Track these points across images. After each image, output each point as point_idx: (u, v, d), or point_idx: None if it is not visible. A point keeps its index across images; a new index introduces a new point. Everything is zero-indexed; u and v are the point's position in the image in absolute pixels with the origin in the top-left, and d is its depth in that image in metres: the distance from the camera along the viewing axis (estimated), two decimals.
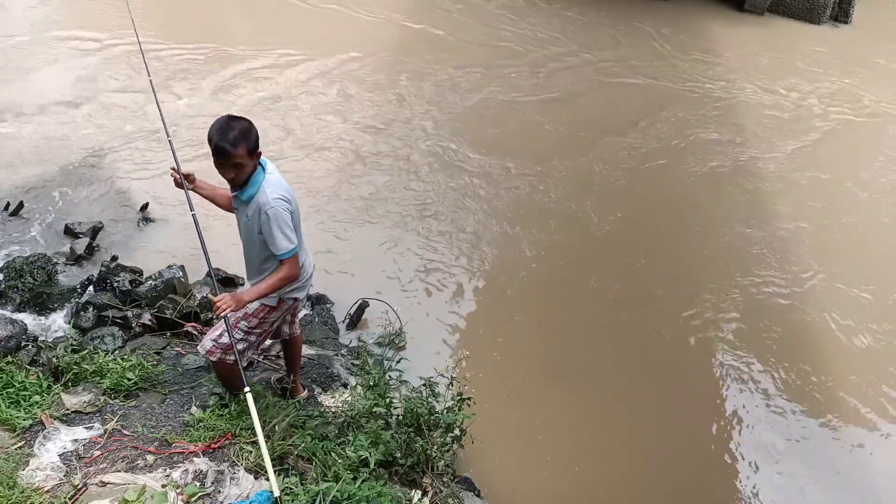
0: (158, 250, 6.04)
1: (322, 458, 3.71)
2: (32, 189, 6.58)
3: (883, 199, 7.88)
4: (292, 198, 3.58)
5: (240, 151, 3.33)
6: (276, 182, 3.52)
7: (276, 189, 3.48)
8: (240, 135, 3.33)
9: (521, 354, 5.66)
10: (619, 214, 7.23)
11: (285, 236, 3.47)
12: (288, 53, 9.23)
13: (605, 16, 11.28)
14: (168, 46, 9.02)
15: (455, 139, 8.02)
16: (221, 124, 3.36)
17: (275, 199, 3.45)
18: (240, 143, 3.32)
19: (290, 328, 4.19)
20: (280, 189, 3.50)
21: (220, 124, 3.36)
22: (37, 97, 7.80)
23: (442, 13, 10.86)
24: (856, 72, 10.37)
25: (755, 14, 11.87)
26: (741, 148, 8.48)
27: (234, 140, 3.31)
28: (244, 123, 3.38)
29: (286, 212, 3.49)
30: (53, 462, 3.53)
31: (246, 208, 3.54)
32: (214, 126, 3.37)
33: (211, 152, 3.38)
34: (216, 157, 3.37)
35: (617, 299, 6.28)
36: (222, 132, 3.33)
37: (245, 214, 3.57)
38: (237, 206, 3.62)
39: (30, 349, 4.55)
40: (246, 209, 3.54)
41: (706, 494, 4.90)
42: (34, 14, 9.41)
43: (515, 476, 4.77)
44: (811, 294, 6.47)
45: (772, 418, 5.35)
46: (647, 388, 5.51)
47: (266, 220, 3.45)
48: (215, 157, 3.37)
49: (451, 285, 6.17)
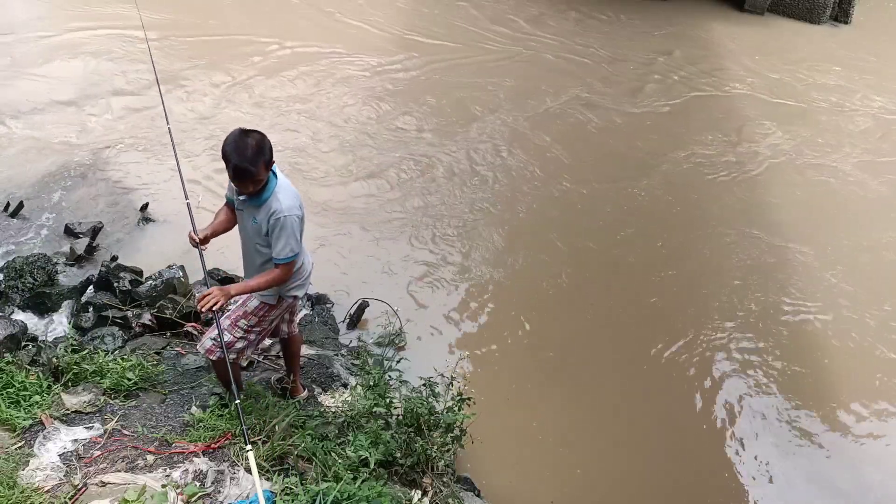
0: (158, 250, 6.03)
1: (322, 458, 3.71)
2: (32, 189, 6.58)
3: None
4: (302, 205, 3.59)
5: (260, 168, 3.30)
6: (287, 188, 3.52)
7: (288, 196, 3.48)
8: (257, 152, 3.27)
9: (522, 354, 5.66)
10: (620, 215, 7.23)
11: (292, 243, 3.49)
12: (294, 50, 9.24)
13: (603, 15, 11.28)
14: (174, 43, 9.03)
15: (457, 142, 8.02)
16: (236, 140, 3.29)
17: (289, 206, 3.45)
18: (259, 161, 3.28)
19: (288, 327, 4.19)
20: (292, 197, 3.50)
21: (235, 140, 3.29)
22: (36, 96, 7.79)
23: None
24: (856, 72, 10.36)
25: (755, 14, 11.87)
26: (741, 148, 8.47)
27: (253, 159, 3.26)
28: (257, 137, 3.32)
29: (299, 220, 3.51)
30: (53, 462, 3.53)
31: (255, 211, 3.52)
32: (229, 143, 3.30)
33: (228, 169, 3.32)
34: (237, 178, 3.31)
35: (618, 300, 6.28)
36: (240, 151, 3.25)
37: (253, 217, 3.55)
38: (242, 208, 3.60)
39: (30, 349, 4.54)
40: (255, 212, 3.52)
41: (706, 495, 4.90)
42: (34, 13, 9.40)
43: (515, 476, 4.77)
44: (815, 294, 6.48)
45: (773, 418, 5.35)
46: (647, 389, 5.50)
47: (277, 227, 3.44)
48: (235, 177, 3.31)
49: (451, 285, 6.17)
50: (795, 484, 4.94)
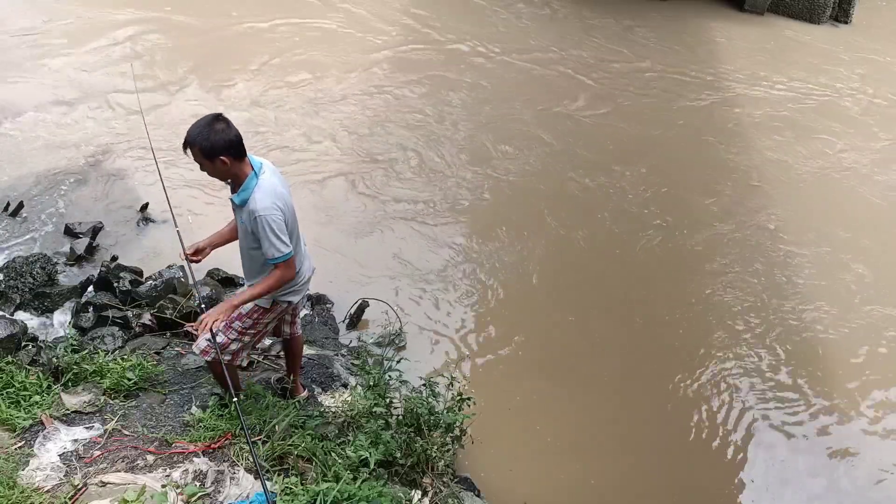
0: (158, 250, 6.04)
1: (322, 458, 3.71)
2: (32, 189, 6.57)
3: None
4: (285, 203, 3.53)
5: (208, 145, 3.30)
6: (267, 187, 3.47)
7: (266, 195, 3.44)
8: (208, 130, 3.30)
9: (522, 354, 5.66)
10: (622, 214, 7.22)
11: (277, 242, 3.46)
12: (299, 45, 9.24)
13: (601, 14, 11.27)
14: (177, 41, 9.03)
15: (458, 141, 8.02)
16: (198, 121, 3.37)
17: (264, 206, 3.41)
18: (208, 137, 3.30)
19: (290, 328, 4.19)
20: (271, 195, 3.46)
21: (197, 121, 3.37)
22: (36, 96, 7.77)
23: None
24: (856, 72, 10.37)
25: (755, 14, 11.87)
26: (740, 147, 8.48)
27: (202, 133, 3.30)
28: (221, 121, 3.35)
29: (278, 218, 3.46)
30: (53, 462, 3.53)
31: (241, 212, 3.54)
32: (192, 124, 3.37)
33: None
34: (184, 147, 3.37)
35: (619, 300, 6.28)
36: (195, 126, 3.33)
37: (240, 218, 3.58)
38: (234, 210, 3.62)
39: (30, 349, 4.54)
40: (241, 213, 3.55)
41: (709, 497, 4.90)
42: (34, 12, 9.39)
43: (515, 476, 4.77)
44: (818, 294, 6.48)
45: (776, 418, 5.36)
46: (648, 389, 5.50)
47: (257, 226, 3.45)
48: (184, 147, 3.36)
49: (451, 285, 6.16)
50: (797, 484, 4.94)
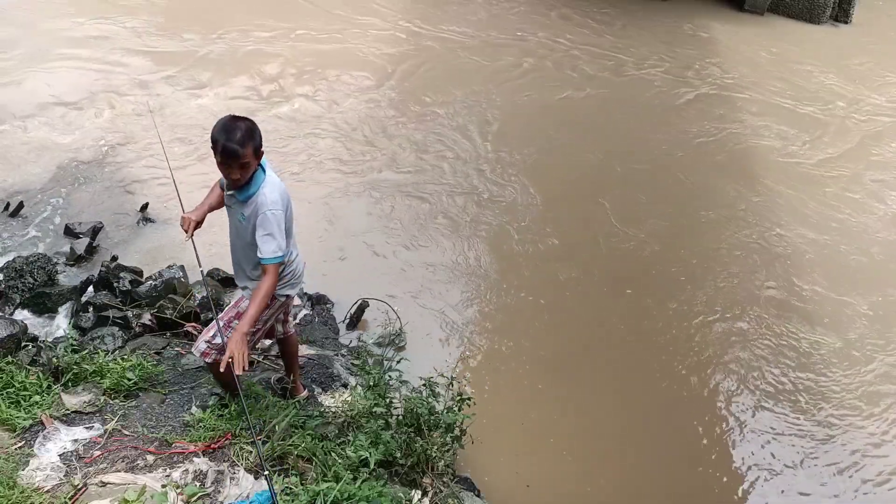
0: (158, 250, 6.04)
1: (322, 458, 3.71)
2: (32, 189, 6.57)
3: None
4: (287, 200, 3.58)
5: (248, 152, 3.31)
6: (274, 183, 3.51)
7: (273, 191, 3.47)
8: (246, 134, 3.30)
9: (522, 354, 5.66)
10: (622, 215, 7.22)
11: (277, 241, 3.45)
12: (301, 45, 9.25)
13: (600, 14, 11.27)
14: (176, 39, 9.03)
15: (459, 142, 8.02)
16: (225, 124, 3.33)
17: (272, 200, 3.43)
18: (247, 144, 3.30)
19: (283, 327, 4.17)
20: (277, 191, 3.49)
21: (224, 124, 3.33)
22: (36, 97, 7.78)
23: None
24: (856, 72, 10.37)
25: (755, 14, 11.88)
26: (741, 148, 8.48)
27: (242, 140, 3.28)
28: (248, 123, 3.36)
29: (283, 216, 3.49)
30: (53, 462, 3.53)
31: (242, 207, 3.52)
32: (218, 126, 3.34)
33: (215, 153, 3.35)
34: (223, 159, 3.33)
35: (620, 300, 6.28)
36: (228, 133, 3.29)
37: (240, 213, 3.54)
38: (231, 205, 3.60)
39: (30, 349, 4.54)
40: (242, 208, 3.52)
41: (710, 496, 4.89)
42: (34, 11, 9.38)
43: (515, 476, 4.77)
44: (817, 293, 6.48)
45: (777, 418, 5.35)
46: (649, 390, 5.50)
47: (262, 222, 3.43)
48: (222, 158, 3.33)
49: (451, 285, 6.16)
50: (798, 485, 4.94)
